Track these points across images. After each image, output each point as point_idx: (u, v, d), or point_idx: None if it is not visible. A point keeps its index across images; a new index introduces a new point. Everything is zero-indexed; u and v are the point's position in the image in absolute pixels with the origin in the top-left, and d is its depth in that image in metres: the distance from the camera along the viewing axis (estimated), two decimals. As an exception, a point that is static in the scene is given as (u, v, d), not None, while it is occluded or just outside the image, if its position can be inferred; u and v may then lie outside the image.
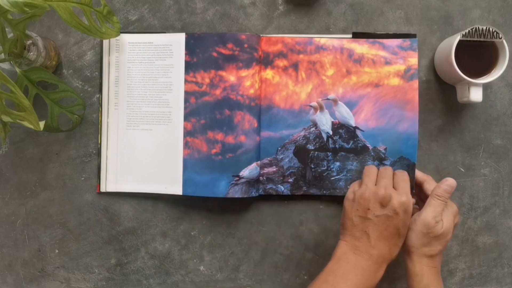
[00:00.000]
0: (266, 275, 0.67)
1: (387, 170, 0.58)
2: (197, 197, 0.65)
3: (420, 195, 0.63)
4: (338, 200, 0.66)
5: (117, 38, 0.66)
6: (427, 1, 0.67)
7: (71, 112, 0.63)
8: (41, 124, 0.55)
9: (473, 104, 0.67)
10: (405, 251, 0.57)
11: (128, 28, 0.68)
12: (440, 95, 0.67)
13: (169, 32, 0.67)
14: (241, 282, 0.67)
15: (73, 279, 0.68)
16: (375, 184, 0.57)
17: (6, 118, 0.54)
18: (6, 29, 0.55)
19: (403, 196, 0.55)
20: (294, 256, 0.67)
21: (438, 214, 0.56)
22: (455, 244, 0.67)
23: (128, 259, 0.67)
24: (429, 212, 0.56)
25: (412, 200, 0.56)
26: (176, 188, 0.66)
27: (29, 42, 0.62)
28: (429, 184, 0.61)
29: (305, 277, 0.67)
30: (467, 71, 0.59)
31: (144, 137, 0.67)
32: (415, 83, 0.64)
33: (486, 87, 0.66)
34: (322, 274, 0.55)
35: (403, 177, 0.58)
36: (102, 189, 0.67)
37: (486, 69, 0.61)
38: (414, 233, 0.56)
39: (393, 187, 0.57)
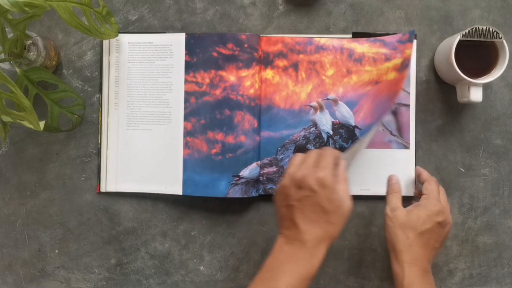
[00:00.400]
0: (266, 275, 0.67)
1: (310, 154, 0.56)
2: (197, 197, 0.65)
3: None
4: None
5: (117, 38, 0.66)
6: (427, 1, 0.67)
7: (71, 112, 0.63)
8: (41, 124, 0.55)
9: (473, 104, 0.67)
10: (388, 251, 0.59)
11: (128, 28, 0.68)
12: (440, 95, 0.67)
13: (169, 32, 0.67)
14: (241, 282, 0.67)
15: (73, 279, 0.68)
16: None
17: (6, 118, 0.54)
18: (6, 29, 0.55)
19: (318, 172, 0.52)
20: (294, 256, 0.67)
21: (393, 202, 0.59)
22: (455, 244, 0.67)
23: (128, 259, 0.67)
24: (386, 205, 0.59)
25: (330, 174, 0.53)
26: (176, 188, 0.66)
27: (29, 42, 0.62)
28: (428, 183, 0.61)
29: (305, 277, 0.67)
30: (467, 71, 0.59)
31: (144, 137, 0.67)
32: (406, 72, 0.63)
33: (486, 87, 0.66)
34: (260, 272, 0.53)
35: (324, 153, 0.55)
36: (102, 189, 0.67)
37: (486, 69, 0.61)
38: (385, 230, 0.58)
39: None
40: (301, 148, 0.66)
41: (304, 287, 0.51)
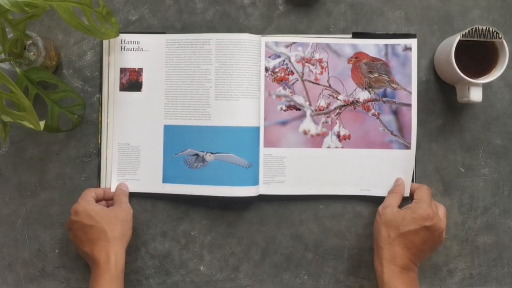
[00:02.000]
0: (266, 275, 0.67)
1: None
2: (197, 197, 0.65)
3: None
4: (338, 200, 0.67)
5: (117, 38, 0.66)
6: (427, 1, 0.67)
7: (71, 112, 0.63)
8: (41, 124, 0.55)
9: (473, 104, 0.67)
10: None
11: (128, 28, 0.68)
12: (440, 95, 0.67)
13: (169, 33, 0.67)
14: (241, 282, 0.67)
15: (73, 279, 0.67)
16: None
17: (6, 118, 0.54)
18: (6, 29, 0.55)
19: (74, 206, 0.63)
20: (294, 256, 0.67)
21: (387, 202, 0.61)
22: (455, 244, 0.67)
23: (128, 259, 0.67)
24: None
25: (79, 204, 0.63)
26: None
27: (29, 42, 0.62)
28: (420, 190, 0.62)
29: (305, 277, 0.67)
30: (467, 71, 0.59)
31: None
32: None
33: (486, 87, 0.66)
34: None
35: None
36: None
37: (486, 69, 0.61)
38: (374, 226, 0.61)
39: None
40: None
41: (114, 286, 0.58)
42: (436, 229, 0.58)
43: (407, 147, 0.66)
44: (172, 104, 0.66)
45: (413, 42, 0.66)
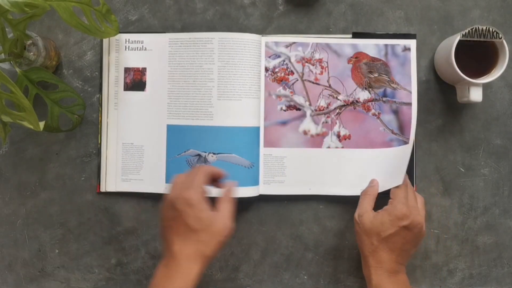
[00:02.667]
0: (266, 275, 0.67)
1: (186, 172, 0.58)
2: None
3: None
4: (338, 200, 0.67)
5: (117, 38, 0.66)
6: (427, 1, 0.67)
7: (71, 112, 0.63)
8: (41, 124, 0.55)
9: (473, 104, 0.67)
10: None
11: (128, 28, 0.68)
12: (440, 95, 0.67)
13: (169, 32, 0.67)
14: (241, 282, 0.67)
15: (73, 279, 0.68)
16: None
17: (6, 118, 0.54)
18: (6, 29, 0.55)
19: (185, 192, 0.55)
20: (294, 256, 0.67)
21: (361, 208, 0.60)
22: (455, 244, 0.67)
23: (128, 259, 0.67)
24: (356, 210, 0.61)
25: (197, 193, 0.55)
26: None
27: (29, 42, 0.62)
28: (397, 187, 0.61)
29: (305, 277, 0.67)
30: (467, 71, 0.59)
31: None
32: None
33: (486, 87, 0.66)
34: None
35: (195, 171, 0.57)
36: (102, 189, 0.67)
37: (486, 69, 0.61)
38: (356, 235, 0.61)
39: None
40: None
41: None
42: (415, 225, 0.57)
43: (406, 143, 0.65)
44: (175, 103, 0.66)
45: (412, 42, 0.66)
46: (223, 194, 0.57)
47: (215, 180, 0.59)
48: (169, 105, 0.66)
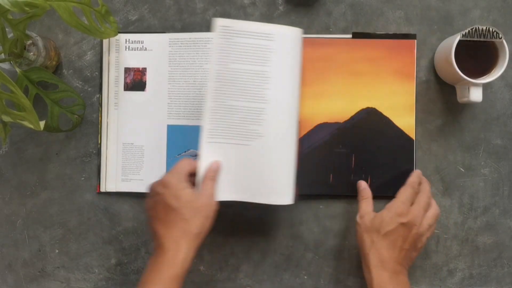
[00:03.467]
0: (266, 275, 0.67)
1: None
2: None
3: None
4: (338, 200, 0.67)
5: (117, 38, 0.66)
6: (427, 1, 0.67)
7: (71, 112, 0.63)
8: (41, 124, 0.55)
9: (473, 104, 0.67)
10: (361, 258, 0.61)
11: (128, 28, 0.68)
12: (440, 95, 0.67)
13: (169, 32, 0.67)
14: (241, 282, 0.67)
15: (73, 279, 0.68)
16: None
17: (6, 118, 0.54)
18: (6, 29, 0.55)
19: (163, 178, 0.57)
20: (294, 256, 0.67)
21: (362, 209, 0.61)
22: (455, 244, 0.67)
23: (128, 259, 0.67)
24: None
25: (174, 177, 0.56)
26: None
27: (29, 42, 0.62)
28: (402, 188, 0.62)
29: (305, 277, 0.67)
30: (467, 71, 0.59)
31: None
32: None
33: (486, 87, 0.66)
34: None
35: (177, 163, 0.58)
36: (102, 189, 0.67)
37: (486, 69, 0.61)
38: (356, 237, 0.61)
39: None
40: None
41: (175, 285, 0.53)
42: (412, 225, 0.57)
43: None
44: (175, 103, 0.66)
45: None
46: (206, 173, 0.57)
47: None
48: (169, 105, 0.66)
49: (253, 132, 0.59)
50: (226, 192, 0.60)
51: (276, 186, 0.60)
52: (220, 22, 0.58)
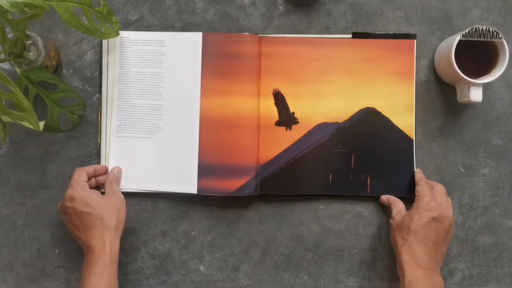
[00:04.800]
0: (266, 275, 0.67)
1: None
2: (197, 197, 0.65)
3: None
4: (338, 200, 0.67)
5: (116, 38, 0.66)
6: (427, 1, 0.67)
7: (71, 112, 0.63)
8: (41, 124, 0.55)
9: (473, 104, 0.67)
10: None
11: (128, 28, 0.68)
12: (440, 95, 0.67)
13: (168, 31, 0.67)
14: (241, 282, 0.67)
15: (73, 279, 0.67)
16: None
17: (6, 118, 0.54)
18: (6, 29, 0.55)
19: (67, 191, 0.61)
20: (294, 256, 0.67)
21: (395, 209, 0.62)
22: (455, 244, 0.67)
23: (128, 259, 0.67)
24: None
25: (74, 189, 0.61)
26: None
27: (29, 42, 0.62)
28: (418, 186, 0.63)
29: (305, 277, 0.67)
30: (467, 71, 0.59)
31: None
32: None
33: (486, 87, 0.66)
34: None
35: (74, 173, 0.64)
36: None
37: (486, 69, 0.61)
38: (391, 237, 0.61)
39: None
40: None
41: (108, 273, 0.58)
42: (444, 218, 0.58)
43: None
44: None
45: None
46: (107, 179, 0.65)
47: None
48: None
49: (154, 126, 0.66)
50: (136, 182, 0.66)
51: (180, 176, 0.65)
52: (121, 34, 0.66)
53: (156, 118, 0.66)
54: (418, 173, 0.64)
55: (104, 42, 0.67)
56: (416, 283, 0.56)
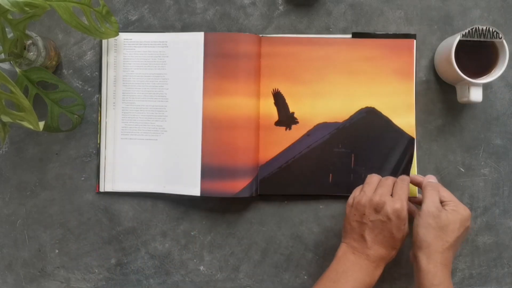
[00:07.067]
0: (266, 275, 0.67)
1: (387, 180, 0.60)
2: (196, 197, 0.65)
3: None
4: (338, 200, 0.67)
5: (116, 38, 0.66)
6: (427, 1, 0.67)
7: (71, 112, 0.63)
8: (41, 124, 0.55)
9: (473, 104, 0.67)
10: (417, 247, 0.57)
11: (128, 28, 0.68)
12: (440, 95, 0.67)
13: (168, 32, 0.67)
14: (241, 282, 0.67)
15: (73, 279, 0.68)
16: (374, 192, 0.58)
17: (6, 118, 0.54)
18: (6, 29, 0.55)
19: (396, 203, 0.56)
20: (294, 256, 0.67)
21: (437, 202, 0.57)
22: (455, 244, 0.67)
23: (128, 259, 0.67)
24: (428, 202, 0.57)
25: (405, 207, 0.56)
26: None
27: (29, 42, 0.62)
28: (443, 191, 0.60)
29: (305, 277, 0.67)
30: (467, 71, 0.59)
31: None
32: None
33: (486, 87, 0.66)
34: (325, 273, 0.58)
35: (401, 185, 0.59)
36: (101, 189, 0.67)
37: (486, 69, 0.61)
38: (422, 227, 0.56)
39: (392, 194, 0.58)
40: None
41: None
42: (469, 228, 0.58)
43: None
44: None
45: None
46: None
47: None
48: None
49: (159, 128, 0.66)
50: (141, 183, 0.66)
51: (183, 178, 0.65)
52: (123, 36, 0.67)
53: (160, 120, 0.66)
54: (428, 178, 0.62)
55: (104, 42, 0.67)
56: (444, 285, 0.55)
